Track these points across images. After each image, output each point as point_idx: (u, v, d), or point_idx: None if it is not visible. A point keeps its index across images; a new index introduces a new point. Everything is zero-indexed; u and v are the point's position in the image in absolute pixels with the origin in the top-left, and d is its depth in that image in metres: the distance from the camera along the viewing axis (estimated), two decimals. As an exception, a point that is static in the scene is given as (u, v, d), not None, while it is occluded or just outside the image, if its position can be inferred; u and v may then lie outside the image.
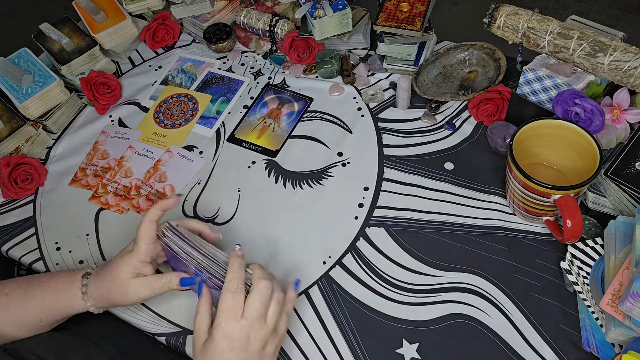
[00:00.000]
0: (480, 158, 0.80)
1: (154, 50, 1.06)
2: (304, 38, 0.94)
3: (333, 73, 0.94)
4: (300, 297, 0.69)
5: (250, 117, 0.91)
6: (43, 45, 0.98)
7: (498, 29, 0.78)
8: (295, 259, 0.73)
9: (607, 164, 0.66)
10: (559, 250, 0.69)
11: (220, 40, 1.00)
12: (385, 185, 0.79)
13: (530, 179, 0.62)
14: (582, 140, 0.66)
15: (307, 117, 0.90)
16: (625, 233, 0.59)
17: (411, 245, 0.72)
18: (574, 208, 0.61)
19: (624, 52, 0.68)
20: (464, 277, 0.68)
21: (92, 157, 0.89)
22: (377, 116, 0.88)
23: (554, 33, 0.73)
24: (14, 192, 0.83)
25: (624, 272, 0.56)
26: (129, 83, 1.00)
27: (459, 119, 0.85)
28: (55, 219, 0.82)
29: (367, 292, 0.69)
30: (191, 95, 0.96)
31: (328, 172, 0.82)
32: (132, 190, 0.83)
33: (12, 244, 0.79)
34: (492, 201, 0.75)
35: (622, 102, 0.70)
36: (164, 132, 0.91)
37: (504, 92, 0.80)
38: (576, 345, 0.61)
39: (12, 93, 0.89)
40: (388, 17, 0.87)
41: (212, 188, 0.83)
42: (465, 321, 0.65)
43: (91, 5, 1.02)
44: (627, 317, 0.54)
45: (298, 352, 0.65)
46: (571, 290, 0.65)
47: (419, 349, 0.63)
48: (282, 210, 0.78)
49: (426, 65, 0.91)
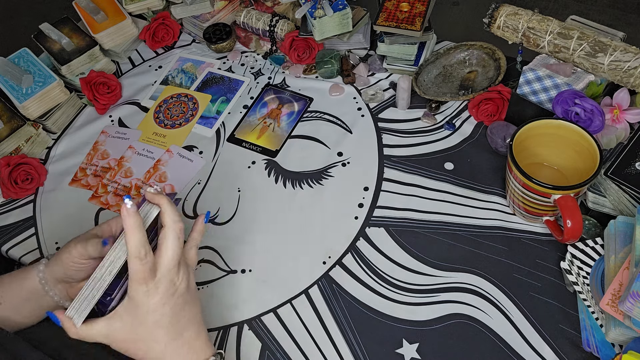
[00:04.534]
0: (480, 158, 0.80)
1: (154, 50, 1.06)
2: (304, 38, 0.94)
3: (333, 73, 0.94)
4: (300, 297, 0.69)
5: (250, 117, 0.91)
6: (43, 45, 0.98)
7: (498, 29, 0.78)
8: (295, 259, 0.73)
9: (607, 164, 0.66)
10: (559, 250, 0.69)
11: (220, 40, 1.00)
12: (385, 185, 0.79)
13: (530, 179, 0.62)
14: (582, 140, 0.66)
15: (307, 117, 0.90)
16: (625, 233, 0.59)
17: (411, 245, 0.72)
18: (574, 208, 0.61)
19: (624, 52, 0.68)
20: (464, 277, 0.68)
21: (92, 157, 0.89)
22: (377, 116, 0.88)
23: (554, 33, 0.73)
24: (14, 192, 0.83)
25: (624, 272, 0.56)
26: (129, 83, 1.00)
27: (459, 119, 0.85)
28: (55, 219, 0.82)
29: (367, 292, 0.69)
30: (191, 95, 0.96)
31: (328, 172, 0.82)
32: (132, 190, 0.83)
33: (12, 244, 0.79)
34: (492, 201, 0.75)
35: (622, 102, 0.70)
36: (164, 132, 0.91)
37: (504, 92, 0.80)
38: (576, 345, 0.61)
39: (12, 93, 0.89)
40: (388, 17, 0.87)
41: (212, 188, 0.83)
42: (465, 321, 0.65)
43: (91, 5, 1.02)
44: (627, 317, 0.54)
45: (298, 352, 0.65)
46: (571, 290, 0.65)
47: (419, 349, 0.63)
48: (282, 210, 0.78)
49: (426, 65, 0.91)
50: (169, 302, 0.51)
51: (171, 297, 0.51)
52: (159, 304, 0.50)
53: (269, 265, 0.73)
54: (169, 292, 0.51)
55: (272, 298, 0.70)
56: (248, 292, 0.71)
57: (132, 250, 0.48)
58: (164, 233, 0.51)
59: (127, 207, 0.48)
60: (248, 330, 0.67)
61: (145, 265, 0.48)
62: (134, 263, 0.48)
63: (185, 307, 0.53)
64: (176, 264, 0.51)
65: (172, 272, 0.51)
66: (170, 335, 0.52)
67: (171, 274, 0.51)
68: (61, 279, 0.59)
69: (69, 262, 0.57)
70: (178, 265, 0.51)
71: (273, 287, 0.71)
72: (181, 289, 0.52)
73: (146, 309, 0.50)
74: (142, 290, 0.49)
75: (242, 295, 0.70)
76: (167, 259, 0.50)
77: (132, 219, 0.48)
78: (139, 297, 0.49)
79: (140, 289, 0.49)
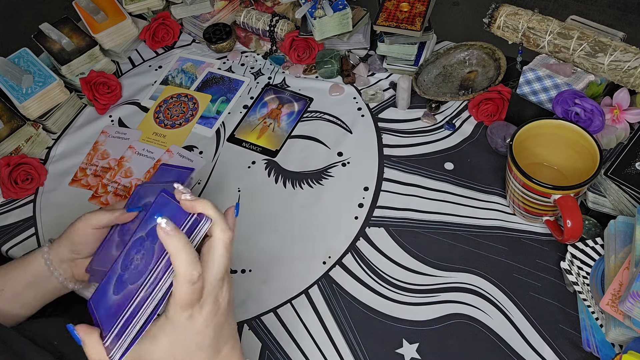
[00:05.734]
0: (480, 158, 0.80)
1: (154, 50, 1.06)
2: (304, 38, 0.94)
3: (333, 73, 0.94)
4: (300, 297, 0.69)
5: (250, 117, 0.91)
6: (43, 45, 0.98)
7: (498, 29, 0.78)
8: (295, 259, 0.73)
9: (607, 164, 0.66)
10: (559, 250, 0.69)
11: (220, 40, 1.00)
12: (385, 185, 0.79)
13: (530, 179, 0.62)
14: (582, 140, 0.66)
15: (307, 117, 0.90)
16: (625, 233, 0.59)
17: (411, 245, 0.72)
18: (574, 208, 0.61)
19: (624, 52, 0.68)
20: (464, 277, 0.68)
21: (92, 157, 0.89)
22: (377, 116, 0.88)
23: (554, 33, 0.73)
24: (14, 192, 0.83)
25: (624, 272, 0.56)
26: (129, 83, 1.00)
27: (459, 119, 0.86)
28: (55, 219, 0.82)
29: (367, 292, 0.69)
30: (191, 95, 0.96)
31: (328, 172, 0.82)
32: (132, 190, 0.83)
33: (12, 244, 0.79)
34: (492, 201, 0.75)
35: (622, 102, 0.70)
36: (164, 132, 0.91)
37: (504, 92, 0.80)
38: (576, 345, 0.61)
39: (12, 93, 0.89)
40: (388, 17, 0.87)
41: (212, 188, 0.83)
42: (465, 321, 0.65)
43: (91, 5, 1.02)
44: (627, 317, 0.54)
45: (298, 352, 0.65)
46: (571, 290, 0.65)
47: (419, 349, 0.63)
48: (282, 210, 0.78)
49: (426, 65, 0.91)
50: (212, 322, 0.45)
51: (214, 317, 0.45)
52: (202, 327, 0.44)
53: (269, 265, 0.73)
54: (212, 312, 0.45)
55: (272, 298, 0.70)
56: (248, 292, 0.71)
57: (182, 273, 0.42)
58: (210, 244, 0.44)
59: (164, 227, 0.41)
60: (248, 330, 0.67)
61: (195, 289, 0.42)
62: (183, 286, 0.42)
63: (226, 324, 0.47)
64: (222, 279, 0.45)
65: (217, 288, 0.45)
66: (210, 354, 0.47)
67: (216, 291, 0.45)
68: (67, 257, 0.59)
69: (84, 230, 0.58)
70: (222, 280, 0.45)
71: (273, 287, 0.71)
72: (224, 305, 0.46)
73: (187, 333, 0.44)
74: (186, 314, 0.43)
75: (242, 295, 0.70)
76: (213, 276, 0.44)
77: (174, 239, 0.41)
78: (181, 321, 0.44)
79: (184, 313, 0.43)
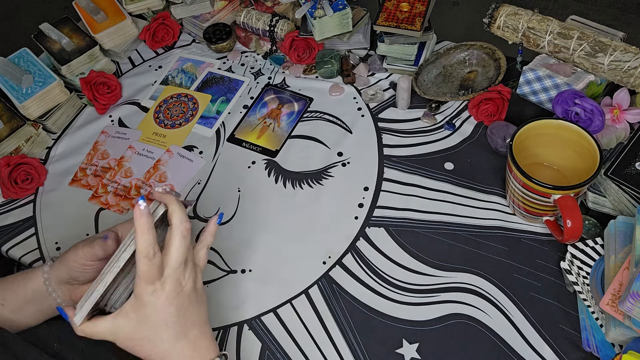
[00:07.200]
0: (480, 158, 0.80)
1: (154, 50, 1.06)
2: (304, 38, 0.94)
3: (333, 73, 0.94)
4: (300, 297, 0.69)
5: (250, 117, 0.91)
6: (43, 45, 0.98)
7: (498, 29, 0.78)
8: (295, 259, 0.73)
9: (607, 164, 0.66)
10: (559, 250, 0.69)
11: (220, 40, 1.00)
12: (385, 185, 0.79)
13: (530, 179, 0.62)
14: (582, 140, 0.66)
15: (307, 117, 0.90)
16: (625, 233, 0.59)
17: (411, 245, 0.72)
18: (574, 208, 0.61)
19: (624, 52, 0.68)
20: (464, 277, 0.68)
21: (92, 157, 0.89)
22: (377, 116, 0.88)
23: (554, 33, 0.73)
24: (14, 192, 0.83)
25: (624, 272, 0.56)
26: (129, 83, 1.00)
27: (459, 119, 0.85)
28: (55, 219, 0.82)
29: (367, 292, 0.69)
30: (191, 95, 0.96)
31: (328, 172, 0.82)
32: (132, 190, 0.83)
33: (12, 244, 0.79)
34: (492, 201, 0.75)
35: (622, 102, 0.70)
36: (164, 132, 0.91)
37: (504, 92, 0.80)
38: (576, 345, 0.61)
39: (12, 93, 0.89)
40: (388, 17, 0.87)
41: (212, 188, 0.83)
42: (465, 321, 0.65)
43: (91, 5, 1.02)
44: (627, 317, 0.54)
45: (298, 352, 0.65)
46: (571, 290, 0.65)
47: (419, 349, 0.63)
48: (282, 210, 0.78)
49: (426, 65, 0.91)
50: (175, 301, 0.51)
51: (177, 297, 0.51)
52: (165, 303, 0.51)
53: (269, 265, 0.73)
54: (175, 292, 0.51)
55: (272, 298, 0.70)
56: (248, 292, 0.71)
57: (141, 249, 0.48)
58: (170, 233, 0.51)
59: (141, 209, 0.48)
60: (248, 330, 0.67)
61: (153, 264, 0.49)
62: (142, 262, 0.49)
63: (191, 307, 0.53)
64: (182, 264, 0.51)
65: (179, 271, 0.51)
66: (176, 334, 0.52)
67: (177, 273, 0.51)
68: (65, 280, 0.59)
69: (75, 263, 0.57)
70: (185, 264, 0.52)
71: (273, 287, 0.71)
72: (187, 288, 0.52)
73: (152, 308, 0.50)
74: (149, 289, 0.50)
75: (242, 295, 0.70)
76: (173, 259, 0.51)
77: (144, 219, 0.48)
78: (146, 296, 0.50)
79: (147, 288, 0.50)
